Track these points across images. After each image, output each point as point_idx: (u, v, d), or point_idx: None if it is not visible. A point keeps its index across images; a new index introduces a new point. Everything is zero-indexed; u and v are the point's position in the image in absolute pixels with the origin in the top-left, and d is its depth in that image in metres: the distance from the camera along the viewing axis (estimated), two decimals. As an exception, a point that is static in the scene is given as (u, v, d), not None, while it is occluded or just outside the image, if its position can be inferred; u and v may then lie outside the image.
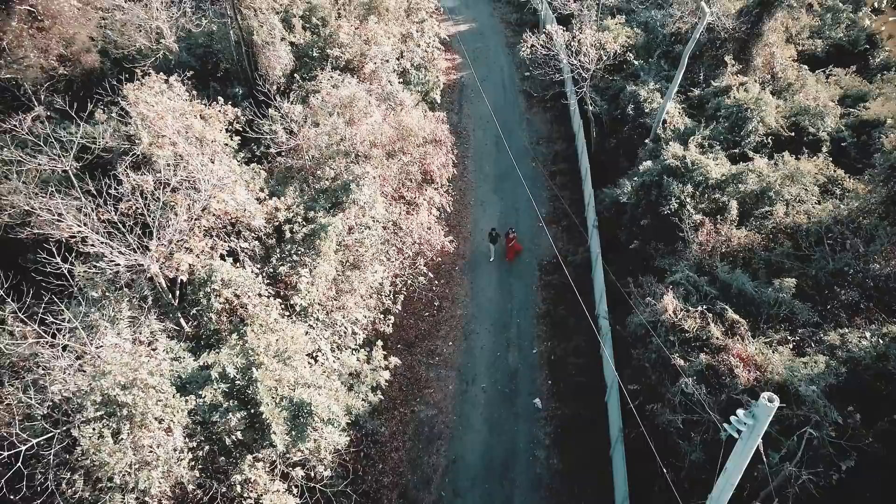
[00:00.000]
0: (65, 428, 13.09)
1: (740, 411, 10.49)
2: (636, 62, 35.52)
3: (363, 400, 18.68)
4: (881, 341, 17.08)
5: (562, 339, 27.31)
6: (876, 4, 45.22)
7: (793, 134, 29.11)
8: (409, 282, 25.42)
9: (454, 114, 39.86)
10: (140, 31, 35.46)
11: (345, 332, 22.44)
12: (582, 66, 32.17)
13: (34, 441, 12.65)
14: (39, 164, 23.65)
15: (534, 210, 33.03)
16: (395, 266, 24.66)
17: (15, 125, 30.27)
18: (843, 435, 15.13)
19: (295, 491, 16.63)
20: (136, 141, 22.61)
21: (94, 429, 12.82)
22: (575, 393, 25.30)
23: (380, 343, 19.59)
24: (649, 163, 27.26)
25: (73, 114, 23.16)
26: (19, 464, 12.50)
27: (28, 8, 36.61)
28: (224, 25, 34.40)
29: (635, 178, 27.58)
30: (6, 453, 12.40)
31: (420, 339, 27.23)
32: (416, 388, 25.61)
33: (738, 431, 10.52)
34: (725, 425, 10.72)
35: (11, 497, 12.65)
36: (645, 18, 37.91)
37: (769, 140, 28.89)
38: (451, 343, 27.22)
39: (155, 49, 34.78)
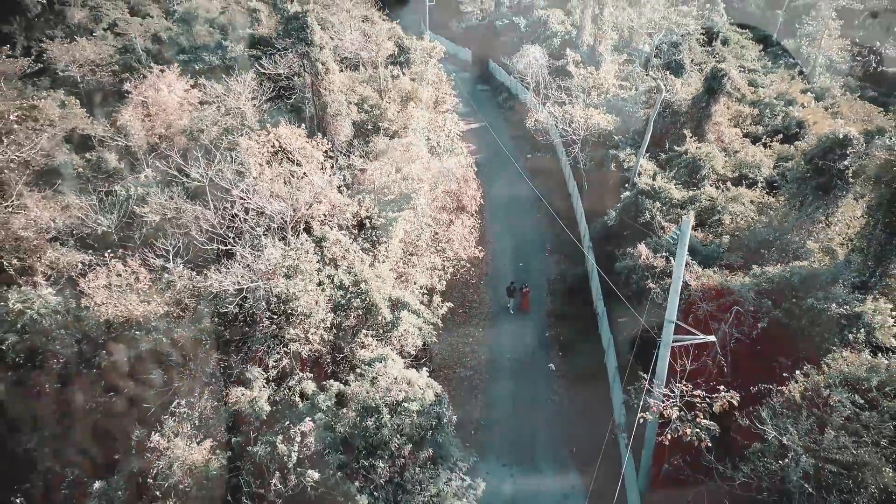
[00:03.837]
0: (266, 279, 20.74)
1: (673, 227, 18.27)
2: (616, 137, 45.68)
3: (428, 324, 26.12)
4: (788, 268, 25.09)
5: (567, 326, 34.78)
6: (805, 104, 56.68)
7: (737, 177, 38.30)
8: (454, 267, 33.35)
9: (472, 182, 49.36)
10: (229, 114, 45.64)
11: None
12: (574, 131, 42.08)
13: (248, 285, 20.27)
14: (186, 182, 32.73)
15: (540, 244, 41.69)
16: (442, 258, 32.75)
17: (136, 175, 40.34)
18: (759, 311, 22.79)
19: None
20: (245, 174, 31.71)
21: (286, 283, 20.49)
22: (580, 359, 32.49)
23: (438, 288, 27.30)
24: (628, 193, 36.22)
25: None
26: (243, 295, 20.22)
27: (142, 99, 47.15)
28: (293, 110, 44.93)
29: (618, 205, 36.41)
30: (234, 287, 20.07)
31: (457, 326, 34.66)
32: (456, 357, 32.78)
33: (674, 241, 18.24)
34: (669, 236, 18.47)
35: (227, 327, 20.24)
36: (621, 107, 48.52)
37: (719, 183, 37.97)
38: (481, 329, 34.70)
39: (240, 128, 44.84)
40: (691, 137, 42.81)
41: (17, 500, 18.44)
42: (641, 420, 20.63)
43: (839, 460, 15.50)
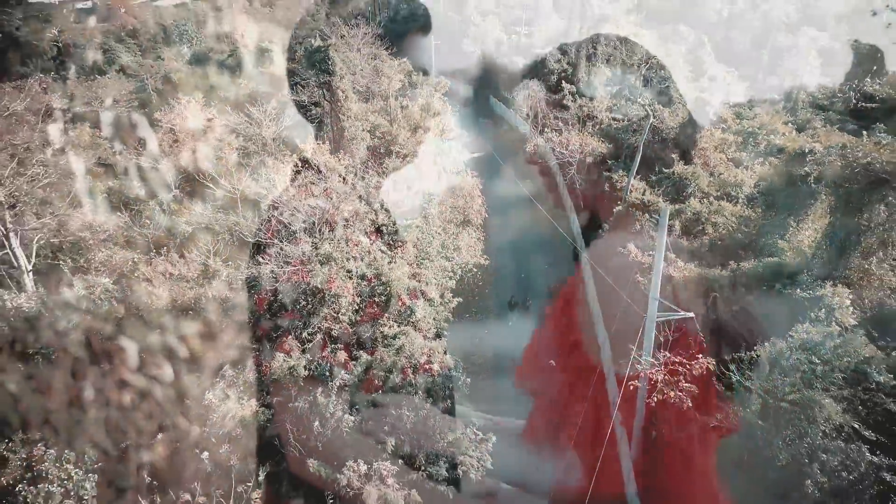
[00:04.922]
0: (303, 266, 23.96)
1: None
2: (609, 161, 49.39)
3: (440, 315, 29.18)
4: (760, 263, 28.33)
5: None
6: (786, 133, 60.64)
7: (720, 195, 41.72)
8: (462, 270, 36.55)
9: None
10: (251, 140, 49.42)
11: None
12: (570, 154, 45.76)
13: (286, 269, 23.48)
14: (216, 194, 36.14)
15: (540, 255, 45.03)
16: (451, 264, 35.96)
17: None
18: (734, 296, 25.92)
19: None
20: (272, 189, 35.26)
21: (320, 268, 23.69)
22: (579, 356, 35.37)
23: (450, 286, 30.45)
24: (620, 207, 39.64)
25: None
26: (277, 286, 23.42)
27: (171, 126, 51.01)
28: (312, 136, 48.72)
29: (611, 219, 39.81)
30: (269, 271, 23.27)
31: (465, 328, 37.59)
32: (465, 356, 35.43)
33: (657, 222, 21.40)
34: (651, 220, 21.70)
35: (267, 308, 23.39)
36: (613, 134, 52.30)
37: (703, 200, 41.36)
38: (486, 330, 37.70)
39: (260, 152, 48.57)
40: (679, 161, 46.47)
41: (88, 451, 21.22)
42: (631, 387, 23.54)
43: (792, 399, 18.44)
